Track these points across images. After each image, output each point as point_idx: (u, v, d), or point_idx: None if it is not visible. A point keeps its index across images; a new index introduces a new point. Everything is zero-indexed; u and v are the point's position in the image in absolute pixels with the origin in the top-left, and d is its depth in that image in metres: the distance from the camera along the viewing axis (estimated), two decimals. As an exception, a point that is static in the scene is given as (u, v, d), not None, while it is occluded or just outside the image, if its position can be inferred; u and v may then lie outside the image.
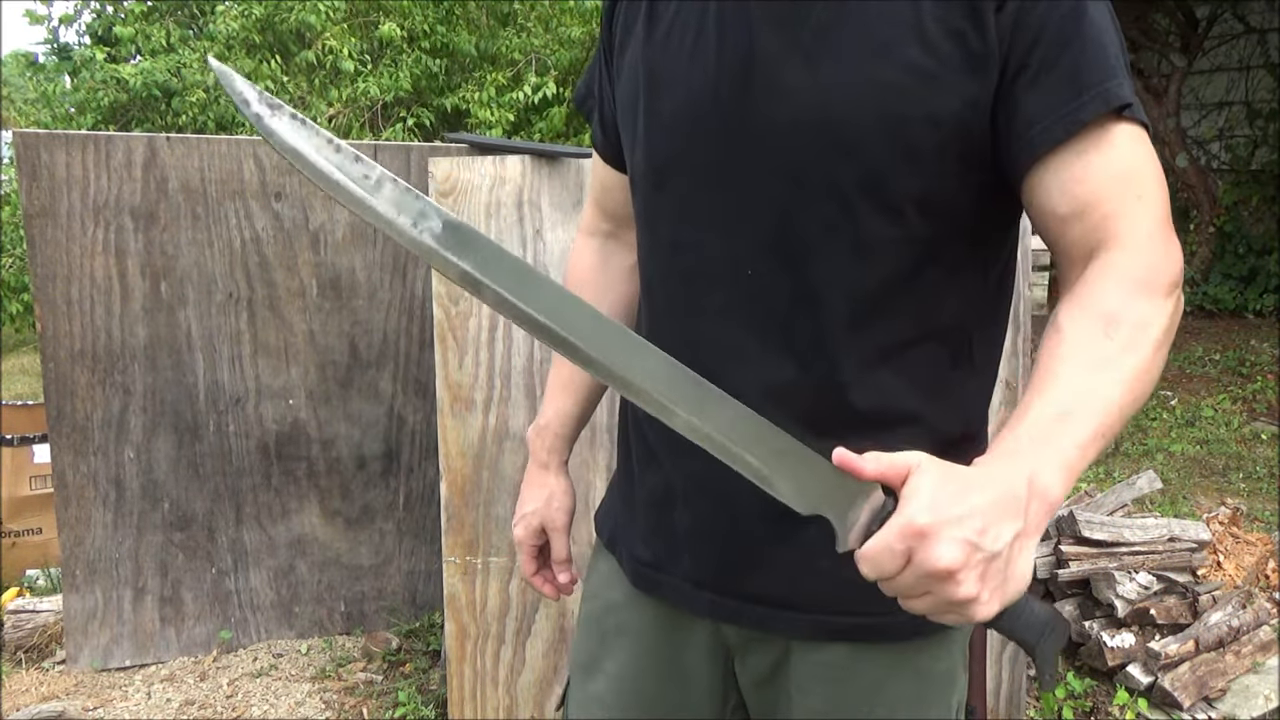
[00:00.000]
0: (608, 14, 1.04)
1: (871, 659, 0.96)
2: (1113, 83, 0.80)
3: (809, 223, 0.86)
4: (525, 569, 1.17)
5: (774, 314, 0.89)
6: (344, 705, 2.43)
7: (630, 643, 1.06)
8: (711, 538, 0.97)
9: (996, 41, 0.81)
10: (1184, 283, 0.85)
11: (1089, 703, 2.35)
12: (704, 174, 0.90)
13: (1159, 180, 0.83)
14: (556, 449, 1.16)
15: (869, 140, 0.83)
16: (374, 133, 5.32)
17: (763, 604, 0.96)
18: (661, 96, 0.93)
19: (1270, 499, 3.77)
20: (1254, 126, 7.10)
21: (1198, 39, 7.04)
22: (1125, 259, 0.79)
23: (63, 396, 2.52)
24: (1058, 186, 0.82)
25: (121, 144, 2.47)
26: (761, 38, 0.86)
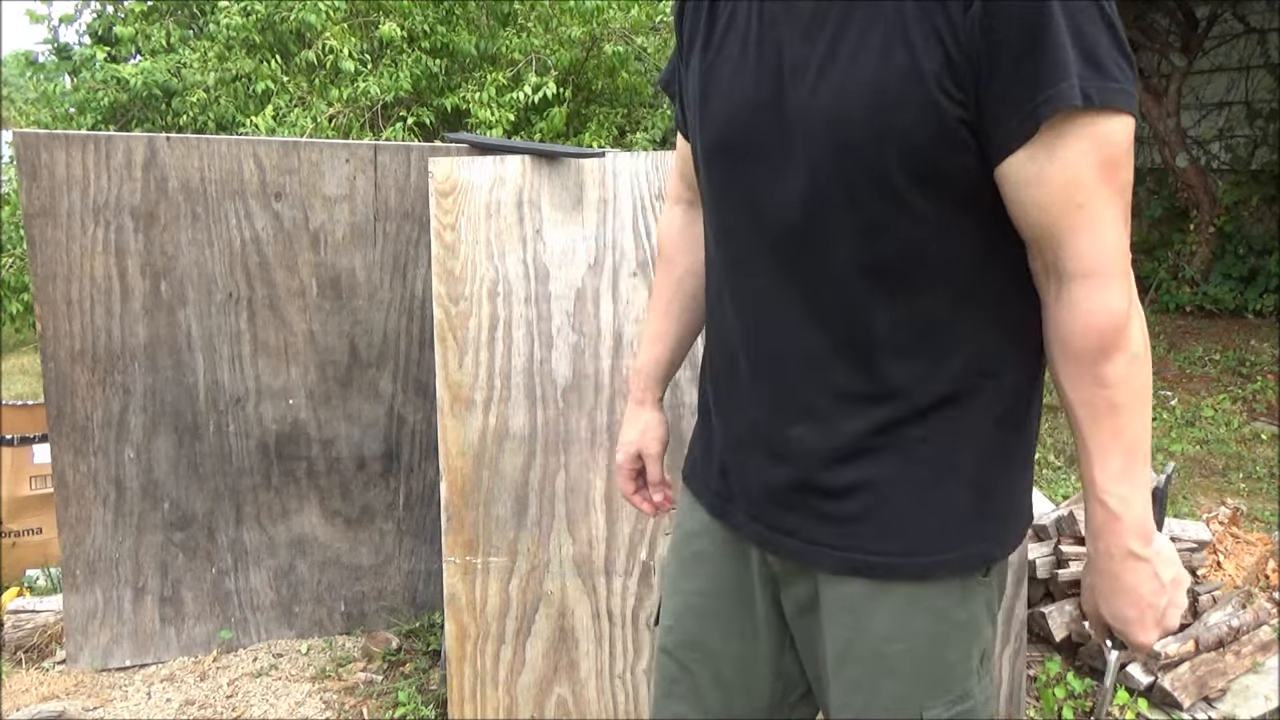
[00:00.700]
0: (677, 14, 1.18)
1: (890, 595, 1.06)
2: (1064, 84, 0.86)
3: (825, 209, 0.98)
4: (625, 488, 1.36)
5: (806, 288, 1.02)
6: (344, 705, 2.43)
7: (706, 565, 1.23)
8: (762, 480, 1.12)
9: (967, 39, 0.89)
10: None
11: (1089, 703, 2.35)
12: (742, 166, 1.04)
13: (1110, 172, 0.91)
14: (650, 388, 1.35)
15: (868, 135, 0.93)
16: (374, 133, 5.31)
17: (797, 538, 1.10)
18: (712, 98, 1.07)
19: (1270, 499, 3.77)
20: (1254, 126, 7.10)
21: (1198, 39, 7.04)
22: (1091, 303, 0.93)
23: (63, 396, 2.52)
24: (1017, 184, 0.93)
25: (121, 144, 2.47)
26: (787, 43, 0.99)
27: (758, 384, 1.09)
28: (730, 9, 1.07)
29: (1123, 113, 0.89)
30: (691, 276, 1.31)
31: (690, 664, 1.24)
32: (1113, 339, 0.94)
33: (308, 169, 2.58)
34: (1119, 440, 0.97)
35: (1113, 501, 0.98)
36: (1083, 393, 0.97)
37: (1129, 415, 0.97)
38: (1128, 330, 0.95)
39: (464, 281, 2.12)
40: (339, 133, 5.17)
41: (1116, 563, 1.00)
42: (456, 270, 2.11)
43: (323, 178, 2.59)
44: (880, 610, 1.06)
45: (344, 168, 2.60)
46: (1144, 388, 0.97)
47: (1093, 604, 1.06)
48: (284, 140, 2.61)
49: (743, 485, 1.15)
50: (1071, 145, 0.89)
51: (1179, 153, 7.02)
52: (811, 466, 1.06)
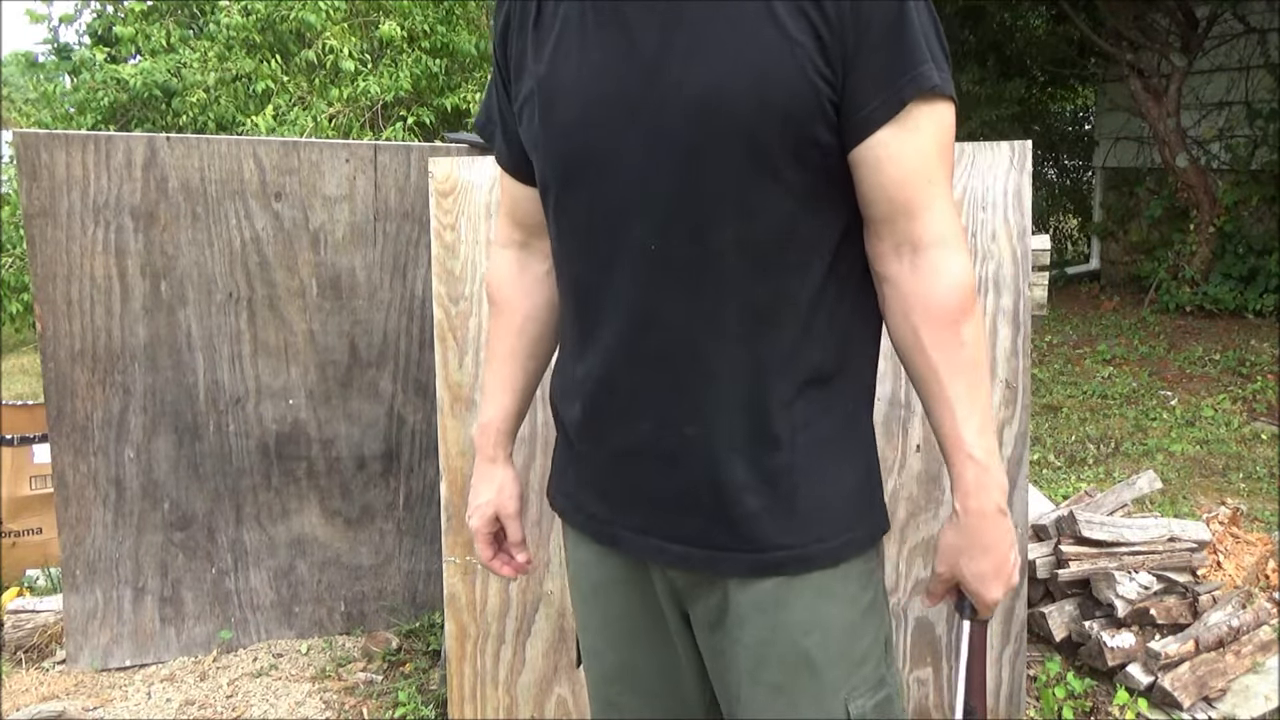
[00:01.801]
0: (500, 44, 1.14)
1: (802, 587, 1.06)
2: (925, 67, 0.97)
3: (702, 194, 0.99)
4: (482, 555, 1.29)
5: (683, 280, 1.01)
6: (344, 705, 2.43)
7: (608, 593, 1.19)
8: (653, 491, 1.09)
9: (836, 24, 0.95)
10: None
11: (1089, 703, 2.35)
12: (605, 167, 1.02)
13: (948, 152, 1.02)
14: (501, 443, 1.28)
15: (745, 116, 0.96)
16: (374, 132, 5.31)
17: (700, 546, 1.07)
18: (556, 107, 1.04)
19: (1270, 499, 3.77)
20: (1254, 126, 7.10)
21: (1198, 39, 7.03)
22: (944, 262, 1.01)
23: (63, 396, 2.52)
24: (878, 161, 0.99)
25: (121, 144, 2.47)
26: (641, 37, 0.99)
27: (644, 392, 1.05)
28: (560, 14, 1.04)
29: (952, 102, 1.01)
30: (532, 322, 1.25)
31: (619, 698, 1.22)
32: (969, 298, 1.02)
33: (308, 169, 2.58)
34: (977, 397, 1.03)
35: (981, 455, 1.03)
36: (947, 353, 1.01)
37: (982, 373, 1.03)
38: (974, 293, 1.03)
39: (464, 281, 2.12)
40: (339, 133, 5.17)
41: (987, 520, 1.04)
42: (456, 270, 2.11)
43: (323, 178, 2.59)
44: (795, 604, 1.06)
45: (344, 168, 2.60)
46: (986, 350, 1.05)
47: (952, 563, 1.08)
48: (284, 140, 2.61)
49: (630, 502, 1.11)
50: (925, 126, 0.98)
51: (1179, 153, 7.02)
52: (707, 465, 1.04)
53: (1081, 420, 4.84)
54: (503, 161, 1.21)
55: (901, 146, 0.98)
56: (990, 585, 1.06)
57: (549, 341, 1.27)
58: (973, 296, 1.03)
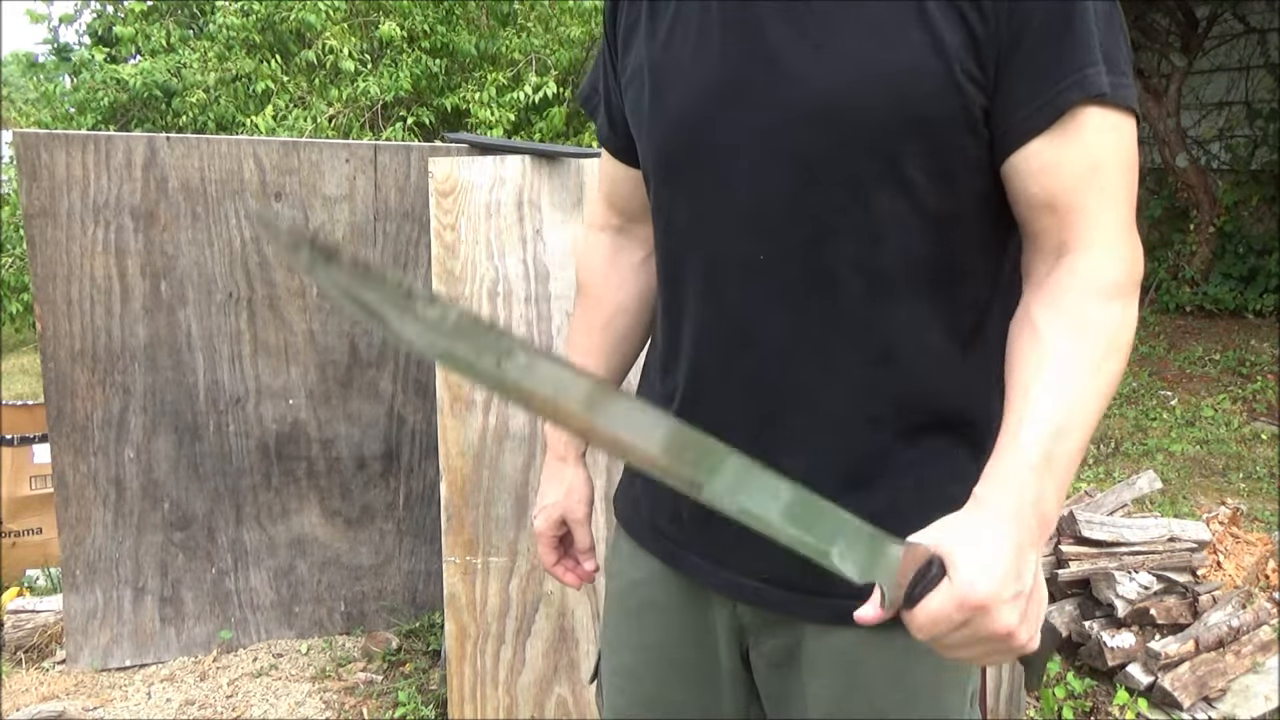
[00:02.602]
0: (610, 13, 1.05)
1: (886, 645, 0.95)
2: (1091, 70, 0.82)
3: (820, 206, 0.88)
4: (546, 560, 1.19)
5: (789, 299, 0.90)
6: (344, 705, 2.43)
7: (659, 616, 1.08)
8: (731, 520, 0.98)
9: (993, 19, 0.82)
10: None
11: (1089, 703, 2.35)
12: (714, 165, 0.92)
13: (1128, 170, 0.86)
14: (573, 442, 1.18)
15: (877, 122, 0.85)
16: (374, 132, 5.31)
17: (780, 586, 0.96)
18: (667, 94, 0.94)
19: (1270, 499, 3.77)
20: (1254, 126, 7.10)
21: (1198, 39, 7.03)
22: (1093, 263, 0.84)
23: (63, 396, 2.52)
24: (1032, 174, 0.85)
25: (121, 144, 2.47)
26: (769, 31, 0.88)
27: (734, 414, 0.93)
28: (675, 5, 0.94)
29: (1134, 114, 0.86)
30: (623, 315, 1.14)
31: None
32: (1118, 334, 0.84)
33: (308, 169, 2.58)
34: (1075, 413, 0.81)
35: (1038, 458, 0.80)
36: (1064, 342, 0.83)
37: (1094, 404, 0.82)
38: (1125, 343, 0.85)
39: (464, 281, 2.12)
40: (339, 133, 5.17)
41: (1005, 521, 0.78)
42: (456, 270, 2.11)
43: (323, 178, 2.59)
44: (875, 661, 0.96)
45: (344, 168, 2.60)
46: (1128, 350, 0.84)
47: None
48: (284, 140, 2.61)
49: (706, 527, 0.99)
50: (1092, 135, 0.83)
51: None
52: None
53: (1081, 420, 4.84)
54: (603, 138, 1.12)
55: (1059, 155, 0.83)
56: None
57: (639, 337, 1.17)
58: (1120, 336, 0.83)
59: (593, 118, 1.14)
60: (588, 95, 1.14)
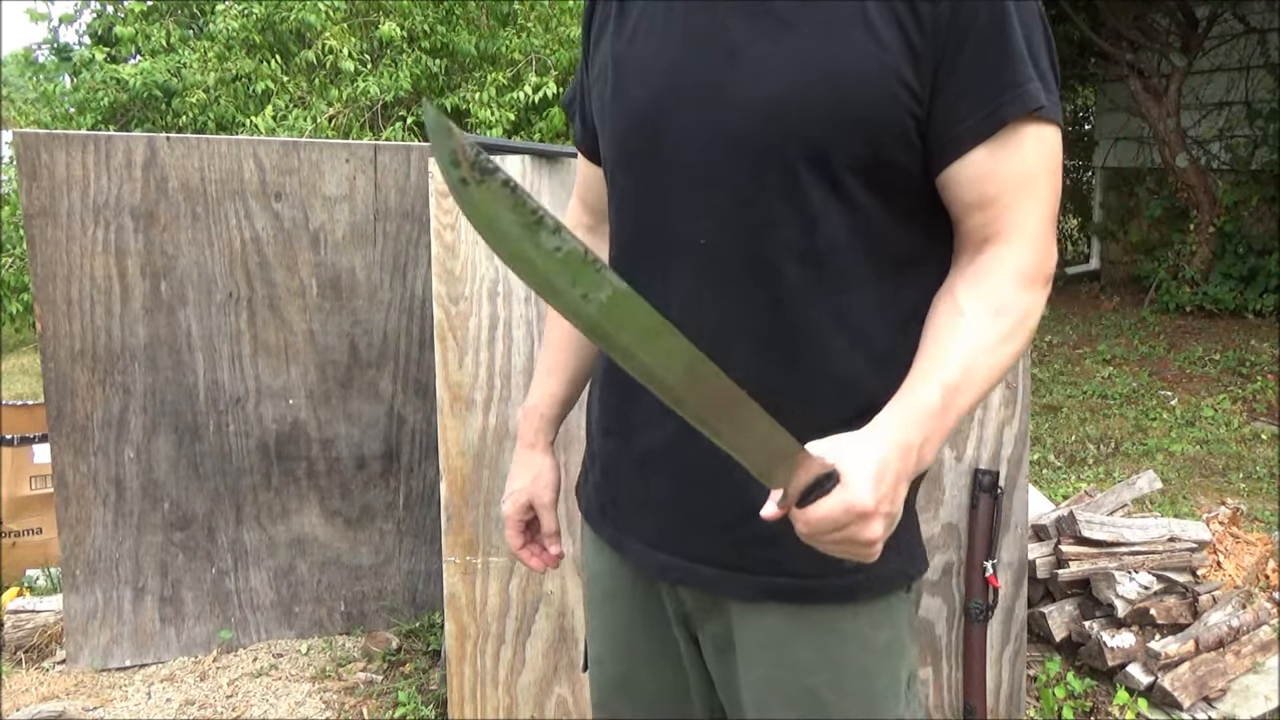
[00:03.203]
0: (586, 16, 1.11)
1: (811, 624, 1.00)
2: (1030, 85, 0.89)
3: (763, 195, 0.93)
4: (513, 544, 1.23)
5: (730, 283, 0.95)
6: (344, 705, 2.43)
7: (618, 604, 1.15)
8: (665, 503, 1.03)
9: (932, 34, 0.88)
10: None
11: (1089, 703, 2.35)
12: (666, 152, 0.97)
13: (1055, 179, 0.93)
14: (543, 430, 1.23)
15: (820, 120, 0.90)
16: (374, 133, 5.31)
17: (710, 564, 1.01)
18: (629, 86, 1.00)
19: (1270, 499, 3.77)
20: (1254, 126, 7.10)
21: (1198, 39, 7.04)
22: (1016, 254, 0.92)
23: (63, 396, 2.52)
24: (969, 180, 0.92)
25: (121, 144, 2.47)
26: (727, 28, 0.93)
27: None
28: (643, 4, 1.00)
29: (1060, 127, 0.93)
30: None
31: (620, 709, 1.18)
32: (1024, 315, 0.91)
33: (308, 169, 2.58)
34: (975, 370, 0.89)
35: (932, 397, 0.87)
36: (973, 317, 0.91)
37: (992, 366, 0.89)
38: (1030, 323, 0.92)
39: (464, 281, 2.12)
40: (339, 133, 5.17)
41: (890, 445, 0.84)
42: (456, 270, 2.11)
43: (323, 178, 2.59)
44: (801, 642, 1.00)
45: (344, 168, 2.60)
46: (1031, 334, 0.93)
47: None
48: (284, 140, 2.61)
49: (643, 511, 1.05)
50: (1029, 146, 0.90)
51: (1179, 153, 7.02)
52: (730, 479, 0.91)
53: (1081, 420, 4.84)
54: (577, 139, 1.18)
55: (997, 165, 0.90)
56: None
57: None
58: (1028, 321, 0.91)
59: (572, 122, 1.20)
60: (569, 100, 1.21)
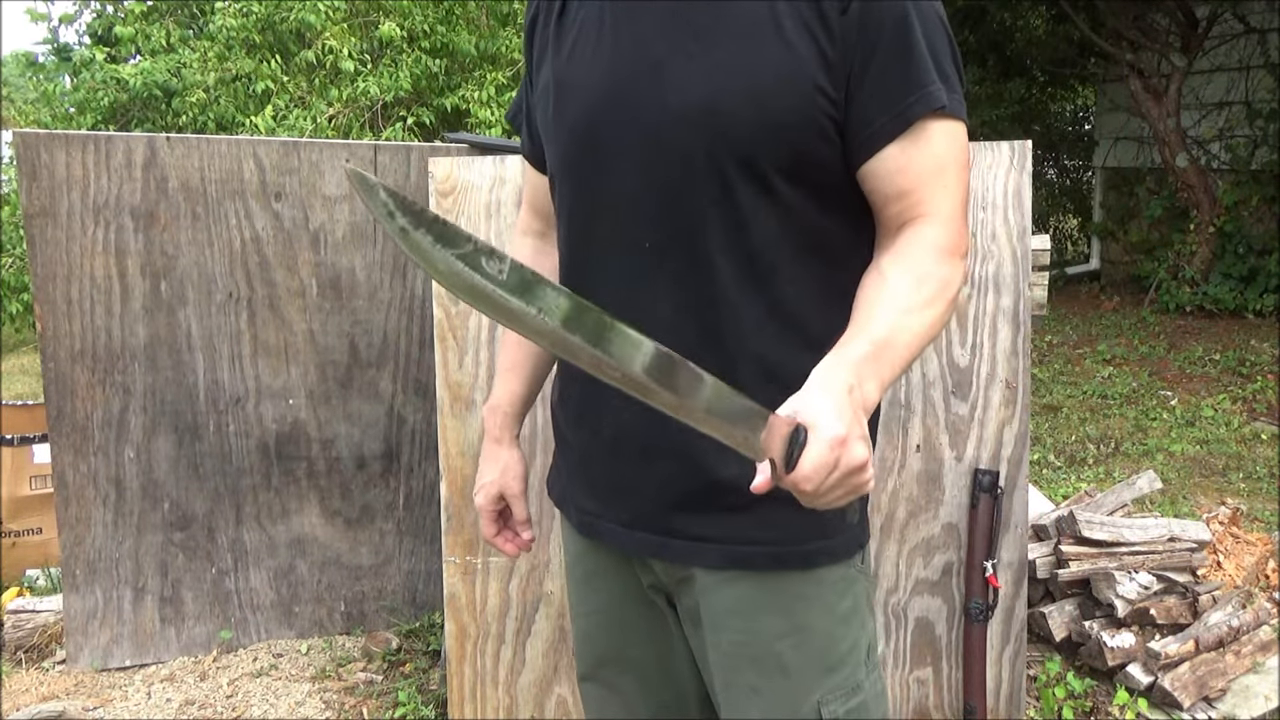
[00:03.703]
0: (527, 37, 1.19)
1: (777, 591, 1.07)
2: (934, 86, 0.97)
3: (695, 197, 1.00)
4: (486, 532, 1.30)
5: (674, 281, 1.03)
6: (344, 705, 2.43)
7: (602, 580, 1.22)
8: (637, 484, 1.10)
9: (842, 40, 0.96)
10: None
11: (1089, 703, 2.35)
12: (606, 162, 1.04)
13: (963, 168, 1.02)
14: (508, 425, 1.30)
15: (742, 125, 0.97)
16: (374, 133, 5.31)
17: (681, 538, 1.09)
18: (568, 100, 1.08)
19: (1270, 499, 3.77)
20: (1254, 126, 7.10)
21: (1198, 39, 7.04)
22: (933, 231, 0.99)
23: (63, 396, 2.52)
24: (885, 174, 1.00)
25: (121, 144, 2.47)
26: (652, 40, 1.01)
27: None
28: (581, 14, 1.08)
29: (964, 122, 1.01)
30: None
31: (614, 679, 1.25)
32: (945, 283, 0.98)
33: (308, 169, 2.58)
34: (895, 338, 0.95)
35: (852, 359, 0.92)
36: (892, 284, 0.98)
37: (922, 315, 0.96)
38: (966, 261, 1.02)
39: (464, 281, 2.12)
40: (339, 133, 5.17)
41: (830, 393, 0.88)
42: (456, 270, 2.11)
43: (323, 178, 2.59)
44: (768, 608, 1.07)
45: (344, 167, 2.59)
46: (953, 303, 0.99)
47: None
48: (284, 140, 2.61)
49: (617, 495, 1.13)
50: (937, 140, 0.99)
51: (1179, 153, 7.02)
52: (691, 458, 1.04)
53: (1081, 420, 4.84)
54: (525, 150, 1.26)
55: (909, 159, 0.99)
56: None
57: None
58: (947, 290, 0.99)
59: (519, 133, 1.28)
60: (514, 114, 1.28)
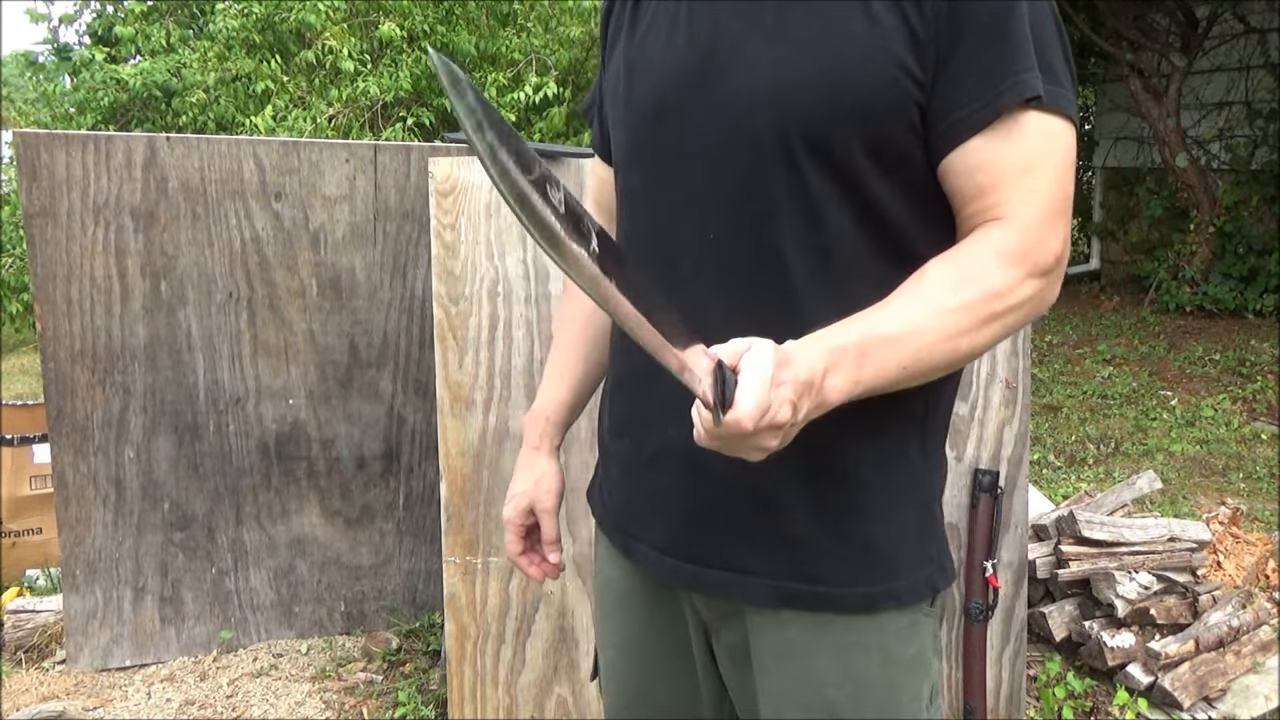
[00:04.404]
0: (603, 21, 1.12)
1: (830, 634, 0.96)
2: (1029, 74, 0.86)
3: (765, 185, 0.92)
4: (511, 550, 1.19)
5: (739, 276, 0.94)
6: (344, 705, 2.43)
7: (634, 610, 1.11)
8: (676, 504, 1.00)
9: (933, 19, 0.86)
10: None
11: (1089, 703, 2.35)
12: (673, 149, 0.97)
13: (1061, 172, 0.88)
14: (548, 434, 1.19)
15: (820, 110, 0.89)
16: (374, 133, 5.31)
17: (722, 568, 0.97)
18: (637, 85, 1.01)
19: (1270, 499, 3.77)
20: (1254, 126, 7.10)
21: (1198, 39, 7.04)
22: (1000, 233, 0.87)
23: (63, 396, 2.52)
24: (965, 170, 0.89)
25: (121, 144, 2.47)
26: (726, 23, 0.94)
27: (681, 392, 0.87)
28: (654, 6, 1.02)
29: (1071, 122, 0.89)
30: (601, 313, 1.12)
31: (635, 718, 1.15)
32: (1042, 260, 0.87)
33: (308, 169, 2.58)
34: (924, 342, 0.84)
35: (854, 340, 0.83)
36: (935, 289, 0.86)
37: (953, 318, 0.84)
38: (1047, 279, 0.88)
39: (464, 281, 2.12)
40: (339, 133, 5.17)
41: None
42: (456, 270, 2.11)
43: (323, 178, 2.59)
44: (822, 652, 0.97)
45: (344, 168, 2.60)
46: (1000, 319, 0.87)
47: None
48: (284, 140, 2.61)
49: (653, 513, 1.02)
50: (1028, 137, 0.87)
51: (1179, 153, 7.02)
52: (742, 480, 0.91)
53: (1081, 420, 4.84)
54: (594, 143, 1.19)
55: (994, 155, 0.87)
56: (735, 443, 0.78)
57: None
58: (1001, 298, 0.86)
59: (591, 126, 1.20)
60: (588, 106, 1.21)
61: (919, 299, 0.86)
